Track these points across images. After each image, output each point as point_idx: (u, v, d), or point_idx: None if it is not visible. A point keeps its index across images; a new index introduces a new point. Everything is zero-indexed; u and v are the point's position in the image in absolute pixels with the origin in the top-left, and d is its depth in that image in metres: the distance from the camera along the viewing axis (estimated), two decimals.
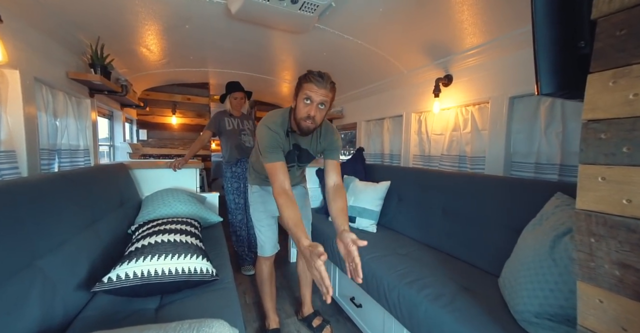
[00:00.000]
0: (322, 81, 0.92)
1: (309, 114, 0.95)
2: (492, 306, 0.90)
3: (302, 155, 1.15)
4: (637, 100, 0.44)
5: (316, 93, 0.93)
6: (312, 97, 0.93)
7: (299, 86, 0.97)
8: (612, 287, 0.47)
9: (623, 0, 0.45)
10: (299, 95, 0.97)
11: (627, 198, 0.46)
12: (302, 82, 0.95)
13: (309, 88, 0.93)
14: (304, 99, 0.94)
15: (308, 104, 0.94)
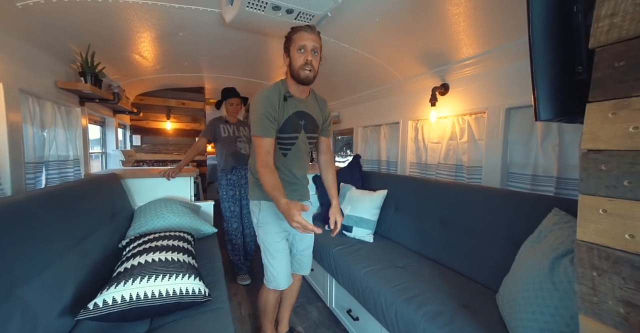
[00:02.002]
0: (309, 29, 0.96)
1: (307, 60, 0.96)
2: (492, 326, 0.88)
3: (308, 123, 1.10)
4: (638, 134, 0.43)
5: (308, 39, 0.96)
6: (306, 45, 0.95)
7: (288, 40, 0.99)
8: (617, 325, 0.46)
9: (621, 31, 0.44)
10: (291, 49, 0.98)
11: (630, 233, 0.44)
12: (291, 35, 0.99)
13: (300, 37, 0.96)
14: (297, 49, 0.96)
15: (302, 53, 0.96)
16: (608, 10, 0.45)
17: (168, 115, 3.48)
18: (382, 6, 1.35)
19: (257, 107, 0.99)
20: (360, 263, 1.39)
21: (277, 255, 1.12)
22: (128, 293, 0.82)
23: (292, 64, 0.99)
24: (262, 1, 1.25)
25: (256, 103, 1.00)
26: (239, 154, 2.09)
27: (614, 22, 0.45)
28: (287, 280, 1.14)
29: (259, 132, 0.98)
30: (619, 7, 0.44)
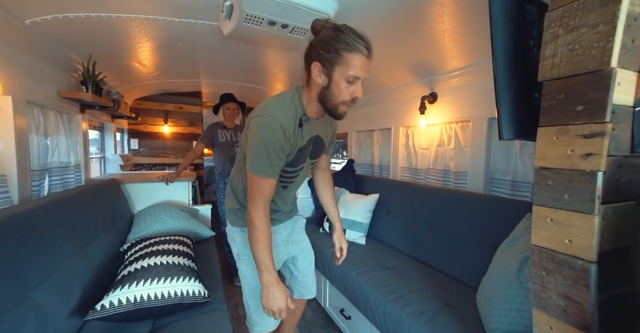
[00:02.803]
0: (369, 52, 0.68)
1: (355, 96, 0.71)
2: (470, 323, 0.96)
3: (316, 147, 0.89)
4: (574, 156, 0.51)
5: (365, 68, 0.69)
6: (361, 76, 0.69)
7: (336, 54, 0.66)
8: (559, 315, 0.54)
9: (560, 70, 0.52)
10: (336, 69, 0.68)
11: (568, 238, 0.52)
12: (340, 51, 0.66)
13: (357, 61, 0.66)
14: (347, 78, 0.68)
15: (353, 85, 0.70)
16: (550, 51, 0.53)
17: (166, 119, 3.52)
18: (373, 21, 1.43)
19: (265, 138, 0.72)
20: (353, 265, 1.46)
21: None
22: (133, 295, 0.88)
23: (330, 89, 0.71)
24: (258, 17, 1.32)
25: (266, 130, 0.72)
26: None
27: (554, 62, 0.53)
28: (273, 322, 0.95)
29: (262, 173, 0.74)
30: (557, 50, 0.52)
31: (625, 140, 0.50)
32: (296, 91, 0.79)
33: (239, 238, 0.95)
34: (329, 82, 0.71)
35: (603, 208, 0.49)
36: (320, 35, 0.70)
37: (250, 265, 0.92)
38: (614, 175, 0.51)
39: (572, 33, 0.51)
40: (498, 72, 0.65)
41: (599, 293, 0.49)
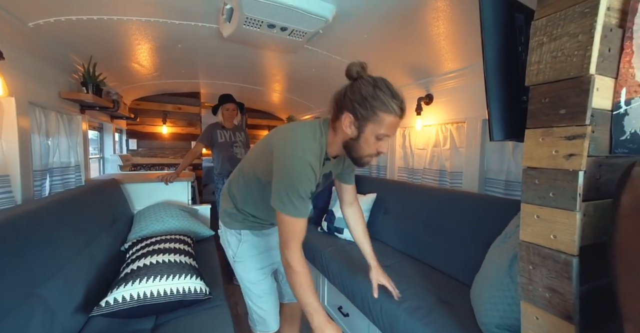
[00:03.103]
0: (404, 110, 0.70)
1: (380, 151, 0.73)
2: (464, 318, 0.99)
3: (324, 181, 0.88)
4: (558, 156, 0.54)
5: (395, 128, 0.71)
6: (390, 135, 0.71)
7: (372, 112, 0.67)
8: (544, 306, 0.57)
9: (545, 75, 0.55)
10: (368, 125, 0.69)
11: (553, 234, 0.56)
12: (376, 110, 0.67)
13: (391, 122, 0.68)
14: (377, 135, 0.69)
15: (380, 142, 0.72)
16: (536, 57, 0.57)
17: (164, 119, 3.53)
18: (370, 24, 1.46)
19: (298, 180, 0.71)
20: (350, 264, 1.49)
21: (263, 294, 0.94)
22: (136, 292, 0.90)
23: (358, 142, 0.72)
24: (258, 20, 1.35)
25: (298, 173, 0.71)
26: (236, 159, 2.17)
27: (540, 68, 0.56)
28: (277, 318, 0.98)
29: (297, 214, 0.72)
30: (542, 57, 0.56)
31: (604, 141, 0.54)
32: (322, 127, 0.77)
33: (234, 240, 0.95)
34: (359, 136, 0.71)
35: (584, 206, 0.53)
36: (357, 87, 0.69)
37: (246, 267, 0.94)
38: (594, 174, 0.54)
39: (555, 41, 0.54)
40: (488, 76, 0.68)
41: (580, 285, 0.53)
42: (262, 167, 0.82)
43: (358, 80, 0.71)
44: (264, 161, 0.80)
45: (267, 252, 0.99)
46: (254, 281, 0.94)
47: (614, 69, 0.52)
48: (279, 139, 0.77)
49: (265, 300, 0.95)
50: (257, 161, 0.84)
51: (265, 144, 0.83)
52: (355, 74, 0.71)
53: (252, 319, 0.99)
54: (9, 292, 0.67)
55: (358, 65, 0.71)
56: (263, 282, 0.95)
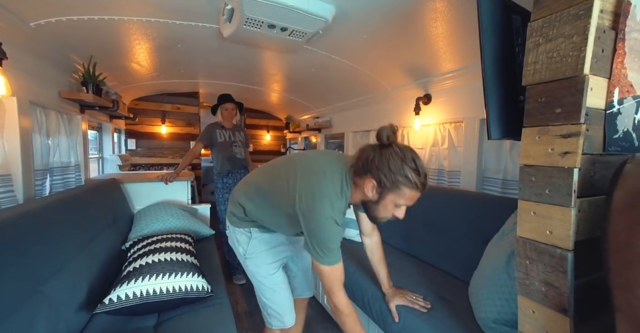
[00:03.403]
0: (426, 186, 0.73)
1: (396, 217, 0.78)
2: (463, 314, 1.01)
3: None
4: (554, 154, 0.56)
5: (415, 199, 0.74)
6: (409, 205, 0.75)
7: (394, 184, 0.70)
8: (540, 300, 0.59)
9: (541, 76, 0.57)
10: (389, 194, 0.72)
11: (549, 230, 0.57)
12: (399, 184, 0.70)
13: (411, 196, 0.72)
14: (396, 203, 0.74)
15: (398, 209, 0.76)
16: (532, 58, 0.58)
17: (163, 119, 3.52)
18: (369, 25, 1.48)
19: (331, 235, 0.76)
20: (350, 262, 1.50)
21: (276, 288, 0.95)
22: (139, 290, 0.91)
23: (377, 206, 0.76)
24: (258, 20, 1.36)
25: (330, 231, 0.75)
26: (235, 158, 2.18)
27: (536, 68, 0.58)
28: (293, 313, 0.99)
29: (334, 262, 0.76)
30: (539, 58, 0.57)
31: (598, 140, 0.55)
32: (346, 180, 0.78)
33: (244, 238, 0.97)
34: (378, 200, 0.75)
35: (579, 202, 0.54)
36: (385, 157, 0.70)
37: (257, 262, 0.96)
38: (589, 172, 0.56)
39: (551, 42, 0.56)
40: (486, 76, 0.70)
41: (575, 279, 0.54)
42: (283, 201, 0.84)
43: (388, 148, 0.72)
44: (285, 199, 0.83)
45: (277, 247, 0.99)
46: (266, 275, 0.95)
47: (607, 70, 0.54)
48: (306, 190, 0.77)
49: (279, 294, 0.96)
50: (278, 195, 0.86)
51: (286, 180, 0.82)
52: (385, 139, 0.72)
53: (267, 315, 0.99)
54: (14, 289, 0.68)
55: (389, 130, 0.72)
56: (276, 275, 0.96)
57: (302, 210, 0.77)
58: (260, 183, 0.92)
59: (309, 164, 0.83)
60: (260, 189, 0.91)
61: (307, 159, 0.86)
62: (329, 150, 0.88)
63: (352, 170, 0.78)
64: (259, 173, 0.97)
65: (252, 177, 0.99)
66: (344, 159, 0.84)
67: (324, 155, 0.87)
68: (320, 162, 0.82)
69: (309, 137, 4.10)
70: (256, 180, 0.95)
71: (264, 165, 1.01)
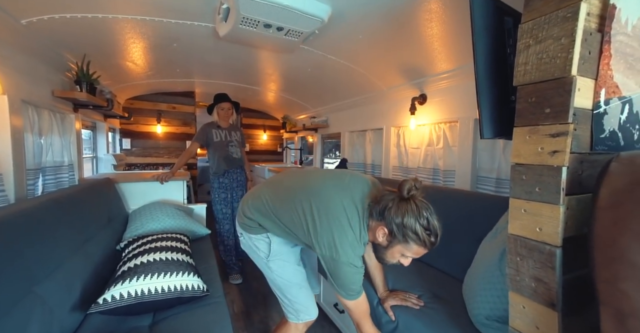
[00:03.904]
0: (435, 245, 0.77)
1: (401, 263, 0.83)
2: (456, 311, 1.02)
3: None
4: (544, 153, 0.57)
5: (421, 254, 0.78)
6: (415, 257, 0.80)
7: (404, 239, 0.74)
8: (530, 296, 0.60)
9: (531, 76, 0.58)
10: (397, 245, 0.76)
11: (539, 227, 0.59)
12: (409, 240, 0.74)
13: (418, 251, 0.77)
14: (403, 254, 0.78)
15: (404, 259, 0.81)
16: (523, 59, 0.60)
17: (158, 119, 3.50)
18: (365, 25, 1.49)
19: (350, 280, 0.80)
20: None
21: (303, 284, 0.98)
22: (134, 290, 0.90)
23: (385, 251, 0.80)
24: (254, 20, 1.36)
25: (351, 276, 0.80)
26: (231, 158, 2.18)
27: (527, 69, 0.59)
28: (316, 304, 1.02)
29: (356, 296, 0.83)
30: (529, 59, 0.59)
31: (586, 139, 0.57)
32: (363, 226, 0.81)
33: (263, 244, 0.97)
34: (387, 247, 0.79)
35: (567, 199, 0.56)
36: (402, 211, 0.73)
37: (282, 263, 0.96)
38: (577, 170, 0.57)
39: (540, 44, 0.57)
40: (479, 77, 0.71)
41: (563, 275, 0.56)
42: (302, 235, 0.86)
43: (406, 201, 0.75)
44: (304, 236, 0.84)
45: (296, 246, 1.01)
46: (293, 273, 0.97)
47: (594, 71, 0.55)
48: (327, 237, 0.78)
49: (305, 289, 0.99)
50: (296, 229, 0.87)
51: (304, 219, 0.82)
52: (406, 193, 0.75)
53: (293, 311, 0.98)
54: (8, 290, 0.67)
55: (411, 184, 0.75)
56: (301, 272, 0.99)
57: (323, 257, 0.80)
58: (274, 208, 0.91)
59: (327, 201, 0.82)
60: (274, 215, 0.91)
61: (323, 191, 0.84)
62: (340, 175, 0.90)
63: (369, 212, 0.80)
64: (271, 192, 0.94)
65: (263, 193, 0.95)
66: (360, 192, 0.84)
67: (340, 186, 0.85)
68: (338, 203, 0.81)
69: (306, 136, 4.11)
70: (267, 201, 0.93)
71: (276, 182, 0.98)
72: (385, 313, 1.10)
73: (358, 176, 0.92)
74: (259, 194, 0.96)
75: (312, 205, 0.82)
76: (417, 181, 0.76)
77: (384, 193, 0.80)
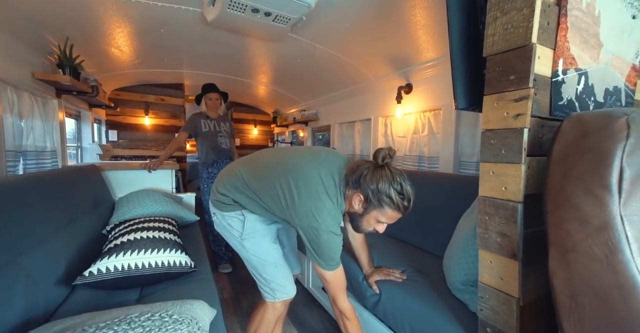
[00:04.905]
0: (409, 209, 0.80)
1: (376, 231, 0.85)
2: (436, 282, 1.08)
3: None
4: (509, 117, 0.62)
5: (396, 219, 0.81)
6: (390, 223, 0.82)
7: (379, 204, 0.77)
8: (496, 250, 0.65)
9: (499, 46, 0.63)
10: (373, 211, 0.79)
11: (504, 186, 0.64)
12: (384, 204, 0.76)
13: (392, 215, 0.79)
14: (378, 219, 0.81)
15: (379, 224, 0.83)
16: (491, 31, 0.64)
17: (146, 110, 3.43)
18: (351, 13, 1.52)
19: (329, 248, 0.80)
20: None
21: (279, 262, 0.97)
22: (120, 264, 0.91)
23: (361, 219, 0.83)
24: (242, 4, 1.37)
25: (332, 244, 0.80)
26: (220, 148, 2.17)
27: (494, 40, 0.64)
28: (294, 283, 1.01)
29: (335, 267, 0.83)
30: (496, 30, 0.63)
31: (545, 104, 0.62)
32: (340, 194, 0.82)
33: (236, 221, 0.95)
34: (363, 214, 0.81)
35: (528, 159, 0.61)
36: (377, 177, 0.76)
37: (257, 241, 0.95)
38: (537, 133, 0.62)
39: (506, 15, 0.62)
40: (453, 52, 0.76)
41: (524, 229, 0.61)
42: (278, 211, 0.87)
43: (381, 168, 0.78)
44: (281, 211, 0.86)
45: (271, 224, 1.00)
46: (268, 251, 0.95)
47: (552, 41, 0.60)
48: (305, 208, 0.79)
49: (281, 267, 0.97)
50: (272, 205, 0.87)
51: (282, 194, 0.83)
52: (380, 160, 0.78)
53: (270, 291, 0.97)
54: None
55: (386, 152, 0.78)
56: (277, 250, 0.98)
57: (303, 227, 0.80)
58: (250, 184, 0.91)
59: (304, 174, 0.82)
60: (251, 191, 0.90)
61: (300, 166, 0.85)
62: (316, 151, 0.92)
63: (345, 181, 0.82)
64: (247, 169, 0.94)
65: (239, 170, 0.94)
66: (336, 165, 0.85)
67: (316, 160, 0.86)
68: (315, 171, 0.82)
69: (297, 131, 4.12)
70: (244, 177, 0.92)
71: (251, 160, 0.98)
72: (370, 288, 1.14)
73: (334, 152, 0.94)
74: (235, 171, 0.95)
75: (289, 180, 0.82)
76: (391, 150, 0.79)
77: (360, 163, 0.83)
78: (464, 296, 0.91)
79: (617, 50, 0.73)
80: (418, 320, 0.94)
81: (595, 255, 0.43)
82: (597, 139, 0.46)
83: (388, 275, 1.13)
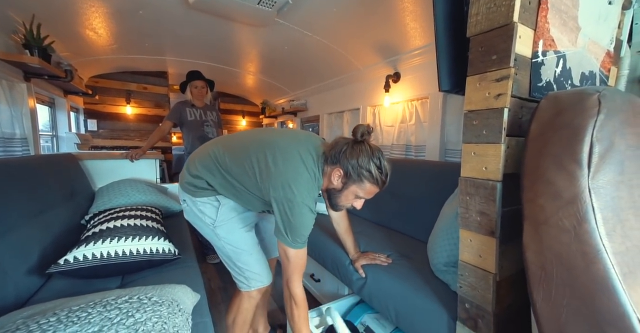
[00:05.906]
0: (386, 183, 0.81)
1: (354, 207, 0.86)
2: (420, 265, 1.11)
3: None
4: (490, 97, 0.63)
5: (374, 193, 0.81)
6: (368, 198, 0.83)
7: (358, 176, 0.77)
8: (475, 229, 0.67)
9: (482, 25, 0.63)
10: (351, 185, 0.79)
11: (485, 166, 0.65)
12: (363, 178, 0.77)
13: (371, 189, 0.79)
14: (356, 194, 0.81)
15: (357, 200, 0.84)
16: (475, 10, 0.64)
17: (128, 99, 3.28)
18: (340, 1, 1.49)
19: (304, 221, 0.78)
20: (322, 232, 1.56)
21: (252, 250, 0.94)
22: (99, 251, 0.88)
23: (340, 194, 0.83)
24: None
25: (303, 216, 0.78)
26: (207, 138, 2.11)
27: (478, 20, 0.64)
28: (269, 270, 0.99)
29: (299, 246, 0.80)
30: (479, 9, 0.63)
31: (525, 85, 0.63)
32: (318, 169, 0.81)
33: (209, 207, 0.91)
34: (341, 190, 0.82)
35: (508, 139, 0.62)
36: (356, 152, 0.77)
37: (230, 228, 0.91)
38: (517, 114, 0.63)
39: None
40: (438, 32, 0.75)
41: (502, 207, 0.63)
42: (251, 186, 0.85)
43: (360, 144, 0.79)
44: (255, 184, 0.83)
45: (245, 212, 0.97)
46: (241, 239, 0.92)
47: (533, 21, 0.61)
48: (282, 178, 0.77)
49: (255, 255, 0.95)
50: (246, 180, 0.85)
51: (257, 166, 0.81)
52: (359, 136, 0.80)
53: (244, 279, 0.94)
54: None
55: (364, 128, 0.80)
56: (251, 238, 0.95)
57: (277, 199, 0.77)
58: (223, 162, 0.87)
59: (282, 149, 0.81)
60: (224, 168, 0.87)
61: (278, 142, 0.83)
62: (295, 132, 0.92)
63: (324, 158, 0.82)
64: (220, 147, 0.89)
65: (211, 148, 0.90)
66: (314, 143, 0.85)
67: (295, 139, 0.85)
68: (293, 147, 0.81)
69: (286, 122, 4.07)
70: (217, 155, 0.88)
71: (225, 139, 0.94)
72: (356, 272, 1.16)
73: (312, 133, 0.95)
74: (207, 151, 0.91)
75: (267, 153, 0.81)
76: (369, 127, 0.80)
77: (338, 140, 0.83)
78: (446, 277, 0.94)
79: (594, 34, 0.75)
80: (401, 301, 0.97)
81: (564, 226, 0.44)
82: (570, 115, 0.47)
83: (374, 259, 1.15)
